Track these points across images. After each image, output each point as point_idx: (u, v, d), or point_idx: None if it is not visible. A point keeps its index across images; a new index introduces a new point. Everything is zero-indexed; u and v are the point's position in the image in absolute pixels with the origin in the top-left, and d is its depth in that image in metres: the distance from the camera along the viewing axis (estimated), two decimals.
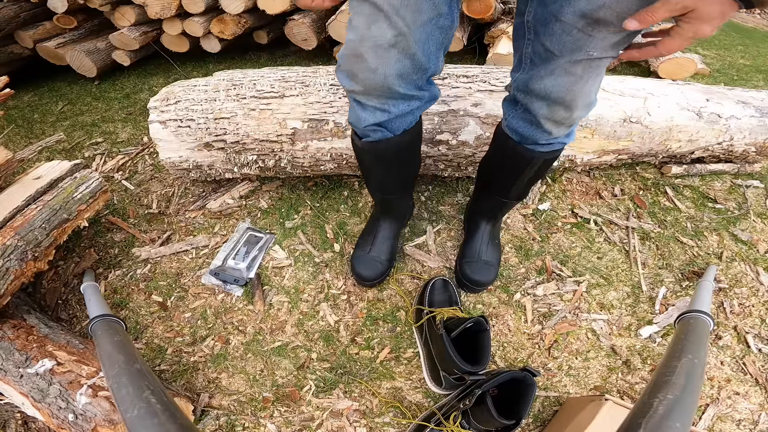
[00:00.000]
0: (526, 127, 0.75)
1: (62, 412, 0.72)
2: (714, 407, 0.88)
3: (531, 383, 0.72)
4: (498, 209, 0.99)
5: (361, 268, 1.02)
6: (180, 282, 1.07)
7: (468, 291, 1.04)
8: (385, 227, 1.04)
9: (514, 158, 0.82)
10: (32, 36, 1.77)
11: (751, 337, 0.97)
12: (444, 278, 1.00)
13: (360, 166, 0.88)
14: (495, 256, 1.03)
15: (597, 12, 0.54)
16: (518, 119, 0.76)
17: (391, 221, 1.04)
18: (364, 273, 1.01)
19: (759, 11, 6.39)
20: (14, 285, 0.84)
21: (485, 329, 0.80)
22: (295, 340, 0.97)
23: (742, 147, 1.25)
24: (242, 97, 1.06)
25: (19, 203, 0.93)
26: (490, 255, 1.02)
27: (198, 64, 2.00)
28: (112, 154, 1.44)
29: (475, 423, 0.73)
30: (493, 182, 0.93)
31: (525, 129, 0.75)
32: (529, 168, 0.82)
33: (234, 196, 1.23)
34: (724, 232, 1.17)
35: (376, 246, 1.03)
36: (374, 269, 1.01)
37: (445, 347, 0.79)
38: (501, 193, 0.92)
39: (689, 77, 2.06)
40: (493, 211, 1.01)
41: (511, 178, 0.86)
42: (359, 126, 0.72)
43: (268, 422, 0.86)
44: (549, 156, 0.79)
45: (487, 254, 1.02)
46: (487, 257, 1.01)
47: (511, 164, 0.84)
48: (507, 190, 0.90)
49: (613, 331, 0.98)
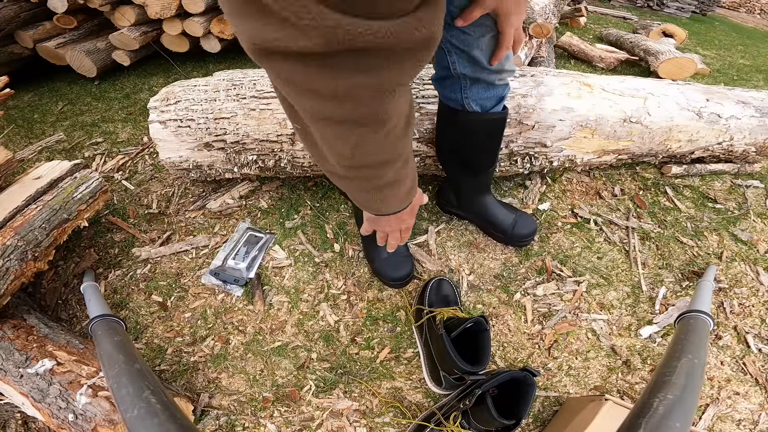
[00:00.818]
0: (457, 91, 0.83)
1: (62, 412, 0.72)
2: (714, 407, 0.88)
3: (531, 383, 0.72)
4: (489, 180, 1.07)
5: (390, 270, 1.01)
6: (180, 282, 1.07)
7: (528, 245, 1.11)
8: None
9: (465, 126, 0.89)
10: (32, 36, 1.77)
11: (751, 337, 0.97)
12: (443, 278, 1.00)
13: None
14: (514, 208, 1.10)
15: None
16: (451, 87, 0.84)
17: None
18: (396, 274, 1.01)
19: (759, 11, 6.38)
20: (14, 285, 0.84)
21: (485, 329, 0.80)
22: (295, 340, 0.97)
23: (742, 147, 1.25)
24: (242, 97, 1.06)
25: (19, 203, 0.93)
26: (512, 209, 1.09)
27: (198, 64, 2.00)
28: (112, 154, 1.44)
29: (475, 423, 0.73)
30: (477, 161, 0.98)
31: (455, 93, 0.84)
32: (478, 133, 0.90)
33: (234, 196, 1.23)
34: (724, 232, 1.17)
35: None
36: (404, 266, 1.02)
37: (445, 347, 0.79)
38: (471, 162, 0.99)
39: (689, 77, 2.06)
40: (488, 183, 1.07)
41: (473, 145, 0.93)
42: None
43: (268, 422, 0.86)
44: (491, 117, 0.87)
45: (512, 211, 1.08)
46: (514, 213, 1.08)
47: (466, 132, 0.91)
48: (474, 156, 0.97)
49: (613, 331, 0.98)
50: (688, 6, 4.47)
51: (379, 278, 1.05)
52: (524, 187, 1.26)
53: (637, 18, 3.63)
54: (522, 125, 1.07)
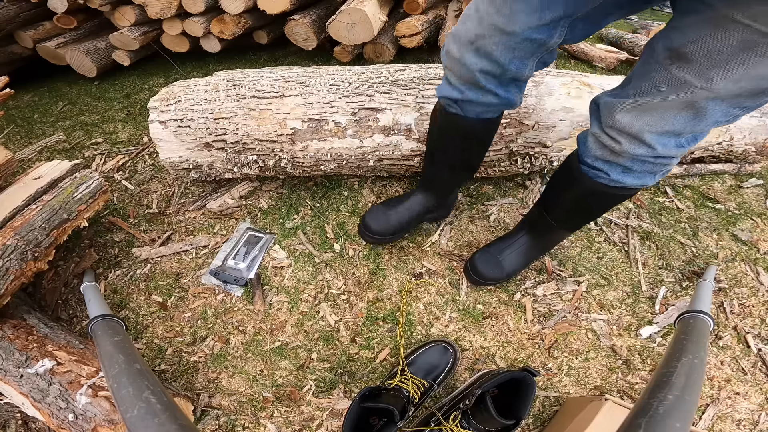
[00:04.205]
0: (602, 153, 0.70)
1: (62, 412, 0.72)
2: (714, 407, 0.88)
3: (531, 383, 0.72)
4: (544, 228, 0.92)
5: (371, 219, 1.00)
6: (180, 282, 1.07)
7: (470, 282, 1.01)
8: (415, 200, 1.02)
9: (585, 193, 0.77)
10: (32, 36, 1.77)
11: (751, 337, 0.97)
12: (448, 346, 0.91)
13: (429, 130, 0.91)
14: (512, 265, 0.97)
15: (684, 47, 0.53)
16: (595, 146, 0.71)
17: (424, 199, 1.02)
18: (371, 224, 1.00)
19: None
20: (14, 285, 0.84)
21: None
22: (295, 340, 0.97)
23: (742, 147, 1.25)
24: (242, 97, 1.06)
25: (19, 203, 0.93)
26: (510, 262, 0.97)
27: (198, 64, 2.00)
28: (112, 154, 1.44)
29: (475, 423, 0.73)
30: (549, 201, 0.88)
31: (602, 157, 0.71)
32: (597, 203, 0.80)
33: (234, 196, 1.23)
34: (724, 232, 1.17)
35: (397, 209, 1.01)
36: (384, 224, 0.99)
37: (348, 413, 0.72)
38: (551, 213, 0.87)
39: None
40: (537, 225, 0.94)
41: (578, 212, 0.83)
42: (441, 95, 0.78)
43: (268, 422, 0.86)
44: (620, 192, 0.75)
45: (507, 259, 0.97)
46: (504, 259, 0.97)
47: (581, 199, 0.80)
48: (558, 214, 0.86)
49: (613, 331, 0.98)
50: None
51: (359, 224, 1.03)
52: (524, 187, 1.26)
53: (637, 18, 3.63)
54: (522, 125, 1.07)
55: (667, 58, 0.56)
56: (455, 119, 0.78)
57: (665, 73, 0.56)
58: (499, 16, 0.59)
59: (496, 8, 0.59)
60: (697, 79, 0.54)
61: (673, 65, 0.55)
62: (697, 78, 0.54)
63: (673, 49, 0.55)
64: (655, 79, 0.58)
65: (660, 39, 0.58)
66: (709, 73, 0.52)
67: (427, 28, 1.76)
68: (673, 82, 0.56)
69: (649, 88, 0.59)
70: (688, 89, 0.55)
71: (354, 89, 1.06)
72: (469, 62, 0.66)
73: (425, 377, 0.85)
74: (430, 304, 1.02)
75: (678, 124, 0.59)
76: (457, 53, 0.67)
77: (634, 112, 0.62)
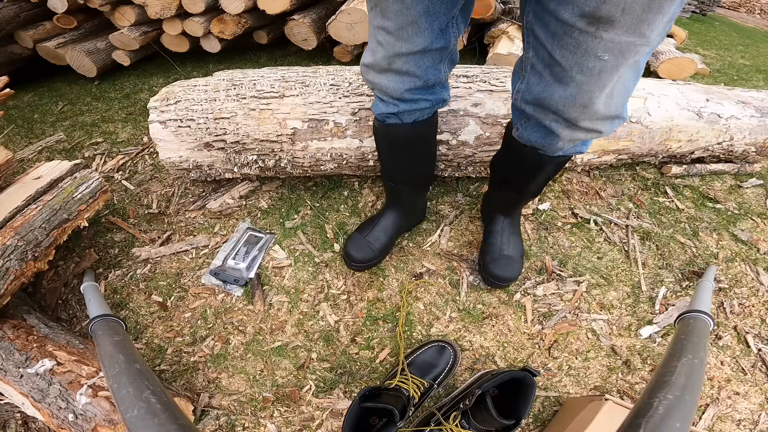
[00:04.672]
0: (540, 138, 0.71)
1: (62, 412, 0.72)
2: (714, 407, 0.88)
3: (531, 383, 0.72)
4: (514, 203, 0.99)
5: (352, 248, 1.03)
6: (180, 282, 1.07)
7: (494, 287, 1.03)
8: (387, 218, 1.05)
9: (526, 161, 0.81)
10: (32, 36, 1.77)
11: (751, 337, 0.97)
12: (447, 346, 0.91)
13: (378, 152, 0.93)
14: (517, 250, 1.02)
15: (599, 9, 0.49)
16: (530, 131, 0.72)
17: (396, 214, 1.04)
18: (353, 253, 1.02)
19: (759, 11, 6.38)
20: (14, 285, 0.84)
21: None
22: (295, 340, 0.97)
23: (742, 147, 1.25)
24: (242, 97, 1.06)
25: (19, 203, 0.93)
26: (512, 249, 1.01)
27: (198, 64, 2.00)
28: (112, 154, 1.44)
29: (475, 423, 0.73)
30: (507, 180, 0.92)
31: (538, 139, 0.72)
32: (542, 171, 0.82)
33: (234, 196, 1.23)
34: (724, 232, 1.17)
35: (373, 233, 1.04)
36: (364, 252, 1.02)
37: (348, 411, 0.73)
38: (516, 189, 0.92)
39: (689, 77, 2.06)
40: (509, 205, 1.00)
41: (525, 178, 0.87)
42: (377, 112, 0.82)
43: (268, 422, 0.86)
44: (562, 160, 0.78)
45: (509, 249, 1.01)
46: (509, 252, 1.01)
47: (524, 166, 0.84)
48: (521, 187, 0.90)
49: (613, 331, 0.98)
50: (688, 6, 4.46)
51: (342, 252, 1.06)
52: None
53: None
54: None
55: (588, 24, 0.51)
56: (397, 129, 0.82)
57: (598, 40, 0.52)
58: (399, 42, 0.64)
59: (395, 37, 0.64)
60: (633, 36, 0.51)
61: (599, 30, 0.51)
62: (633, 35, 0.51)
63: (588, 14, 0.50)
64: (592, 50, 0.53)
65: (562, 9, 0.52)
66: (640, 28, 0.50)
67: None
68: (614, 48, 0.52)
69: (587, 60, 0.54)
70: (633, 48, 0.52)
71: (354, 89, 1.06)
72: (392, 85, 0.72)
73: (425, 377, 0.85)
74: (430, 304, 1.02)
75: (632, 85, 0.59)
76: (378, 80, 0.73)
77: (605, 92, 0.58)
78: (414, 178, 0.97)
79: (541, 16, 0.56)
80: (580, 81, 0.57)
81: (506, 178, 0.92)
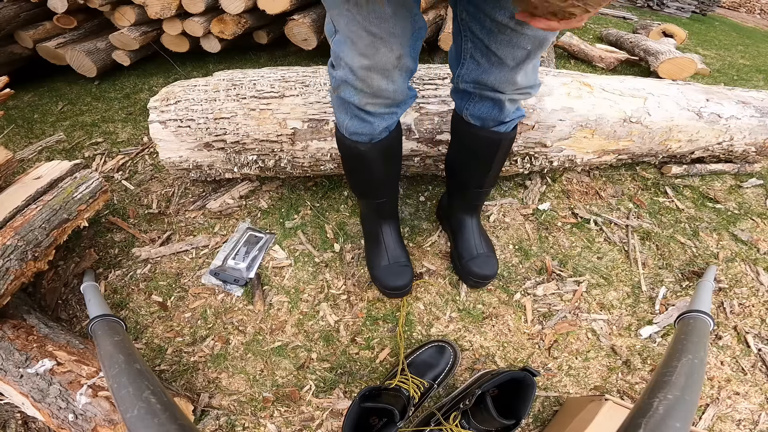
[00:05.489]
0: (489, 109, 0.79)
1: (62, 412, 0.72)
2: (714, 407, 0.88)
3: (531, 383, 0.72)
4: (477, 200, 1.01)
5: (391, 279, 0.98)
6: (180, 282, 1.07)
7: (477, 287, 1.03)
8: (388, 231, 1.03)
9: (480, 144, 0.86)
10: (32, 36, 1.77)
11: (751, 337, 0.97)
12: (447, 346, 0.91)
13: (352, 173, 0.92)
14: (489, 247, 1.04)
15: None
16: (479, 106, 0.80)
17: (391, 222, 1.04)
18: (396, 283, 0.97)
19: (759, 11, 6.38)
20: (14, 285, 0.84)
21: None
22: (295, 340, 0.97)
23: (742, 147, 1.25)
24: (242, 97, 1.06)
25: (19, 203, 0.93)
26: (486, 247, 1.02)
27: (198, 64, 2.00)
28: (112, 154, 1.44)
29: (475, 423, 0.73)
30: (467, 175, 0.94)
31: (488, 111, 0.79)
32: (497, 151, 0.86)
33: (234, 196, 1.23)
34: (724, 232, 1.17)
35: (390, 252, 1.01)
36: (404, 275, 0.98)
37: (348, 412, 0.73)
38: (477, 184, 0.94)
39: (689, 77, 2.06)
40: (473, 203, 1.02)
41: (484, 165, 0.89)
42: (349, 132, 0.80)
43: (268, 422, 0.86)
44: (513, 134, 0.84)
45: (483, 247, 1.02)
46: (483, 249, 1.02)
47: (479, 152, 0.87)
48: (482, 179, 0.93)
49: (613, 331, 0.98)
50: (688, 6, 4.46)
51: (378, 286, 1.02)
52: (524, 187, 1.26)
53: (637, 18, 3.63)
54: (522, 125, 1.07)
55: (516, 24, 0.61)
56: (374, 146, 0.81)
57: (524, 36, 0.63)
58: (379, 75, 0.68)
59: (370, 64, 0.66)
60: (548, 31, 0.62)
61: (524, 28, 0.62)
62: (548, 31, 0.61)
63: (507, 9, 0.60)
64: (520, 43, 0.64)
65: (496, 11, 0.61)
66: None
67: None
68: (535, 40, 0.64)
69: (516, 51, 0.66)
70: (548, 39, 0.65)
71: None
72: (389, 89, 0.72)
73: (425, 377, 0.85)
74: (430, 304, 1.02)
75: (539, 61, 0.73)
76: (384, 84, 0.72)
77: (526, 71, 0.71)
78: (393, 185, 0.97)
79: (476, 15, 0.65)
80: (511, 66, 0.69)
81: (464, 174, 0.95)
